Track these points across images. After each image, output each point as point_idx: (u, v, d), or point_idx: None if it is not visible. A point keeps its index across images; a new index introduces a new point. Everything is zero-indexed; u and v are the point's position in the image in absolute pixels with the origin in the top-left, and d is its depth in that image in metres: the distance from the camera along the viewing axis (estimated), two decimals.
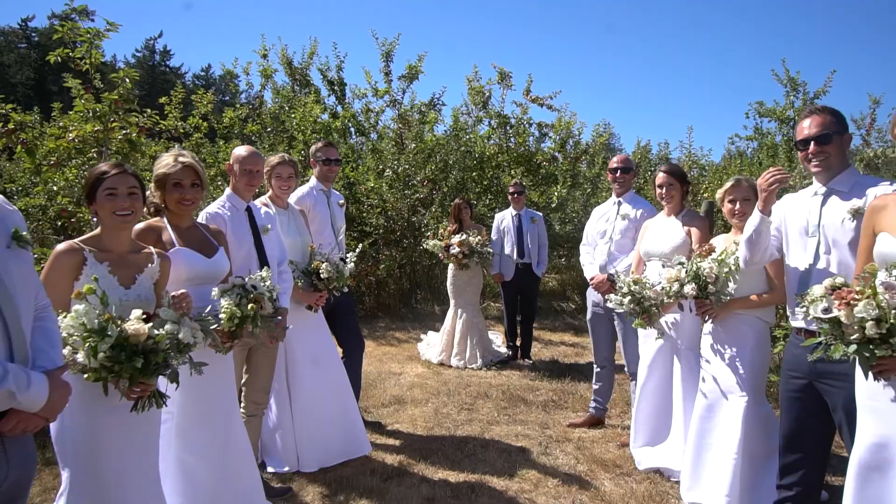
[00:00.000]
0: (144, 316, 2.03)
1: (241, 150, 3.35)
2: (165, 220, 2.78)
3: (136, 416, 2.08)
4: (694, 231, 3.79)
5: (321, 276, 3.75)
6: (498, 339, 7.40)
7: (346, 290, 3.91)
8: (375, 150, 9.24)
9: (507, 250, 6.69)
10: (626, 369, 4.48)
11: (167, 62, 48.33)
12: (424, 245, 6.75)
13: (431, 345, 7.09)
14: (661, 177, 3.93)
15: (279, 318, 2.98)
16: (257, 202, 3.73)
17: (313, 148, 4.47)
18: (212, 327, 2.29)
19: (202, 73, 47.98)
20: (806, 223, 2.62)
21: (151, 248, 2.40)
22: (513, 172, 9.53)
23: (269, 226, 3.42)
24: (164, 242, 2.69)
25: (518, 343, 6.88)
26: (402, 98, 9.64)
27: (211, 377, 2.75)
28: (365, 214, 9.16)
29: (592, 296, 4.55)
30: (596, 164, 9.50)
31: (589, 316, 4.64)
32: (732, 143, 13.69)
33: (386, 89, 9.66)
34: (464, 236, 6.43)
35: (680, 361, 3.76)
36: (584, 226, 8.60)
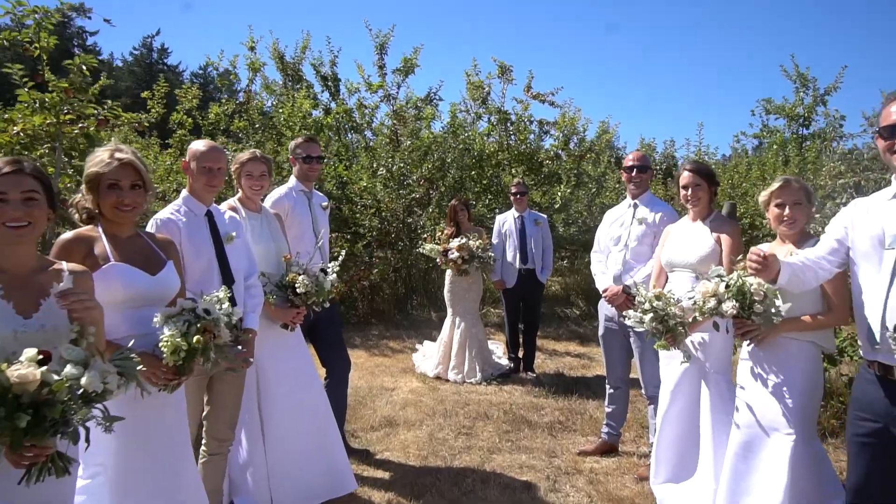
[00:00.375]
0: (41, 356, 1.54)
1: (198, 145, 2.86)
2: (100, 228, 2.29)
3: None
4: (725, 238, 3.31)
5: (297, 290, 3.26)
6: (499, 350, 6.92)
7: (327, 304, 3.43)
8: (369, 147, 8.75)
9: (510, 255, 6.20)
10: (642, 391, 4.00)
11: (165, 60, 47.84)
12: (421, 249, 6.27)
13: (427, 356, 6.62)
14: (686, 176, 3.44)
15: (239, 347, 2.49)
16: (223, 205, 3.25)
17: (293, 144, 3.98)
18: (139, 368, 1.80)
19: (200, 72, 47.48)
20: (881, 233, 2.13)
21: (63, 263, 1.91)
22: (514, 171, 9.05)
23: (235, 233, 2.93)
24: (97, 256, 2.21)
25: (520, 355, 6.40)
26: (397, 93, 9.16)
27: (154, 415, 2.27)
28: (358, 215, 8.67)
29: (605, 309, 4.07)
30: (601, 163, 9.01)
31: (601, 331, 4.15)
32: (738, 141, 13.26)
33: (380, 83, 9.16)
34: (463, 240, 5.96)
35: (709, 387, 3.28)
36: (589, 228, 8.10)
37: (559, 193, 8.31)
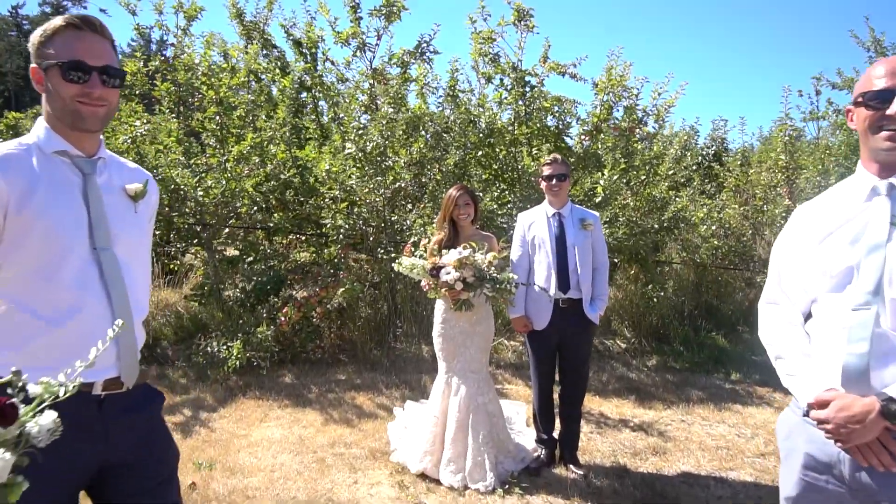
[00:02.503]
0: None
1: None
2: None
3: None
4: None
5: None
6: (519, 417, 4.59)
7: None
8: (335, 117, 6.38)
9: (540, 277, 3.86)
10: None
11: (163, 52, 46.23)
12: (397, 266, 3.89)
13: (411, 429, 4.30)
14: None
15: None
16: None
17: (38, 33, 1.62)
18: None
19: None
20: None
21: None
22: (534, 152, 6.67)
23: None
24: None
25: (557, 433, 4.06)
26: (377, 44, 6.74)
27: None
28: (323, 211, 6.33)
29: (805, 442, 1.71)
30: (656, 142, 6.60)
31: (793, 489, 1.77)
32: (784, 130, 10.80)
33: (352, 29, 6.76)
34: (466, 251, 3.62)
35: None
36: (644, 230, 5.73)
37: (602, 182, 5.94)
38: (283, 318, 5.73)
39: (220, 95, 5.60)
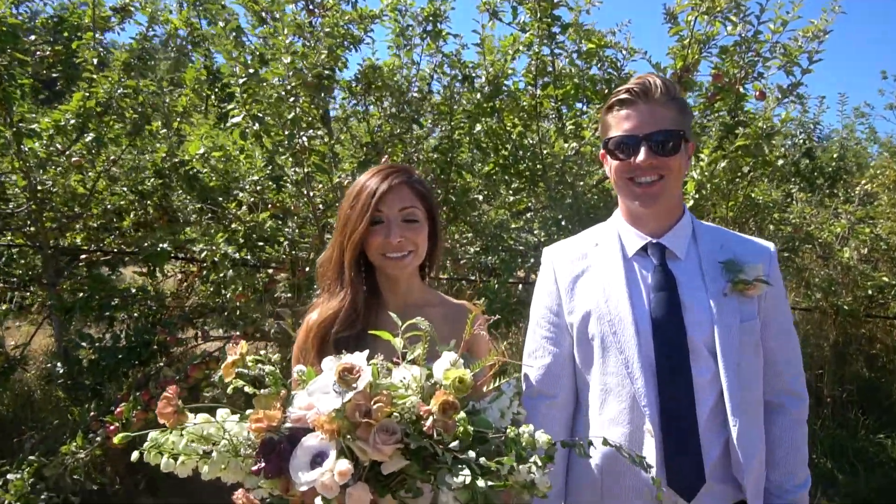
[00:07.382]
0: None
1: None
2: None
3: None
4: None
5: None
6: None
7: None
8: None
9: (612, 430, 1.27)
10: None
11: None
12: (147, 455, 1.25)
13: None
14: None
15: None
16: None
17: None
18: None
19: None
20: None
21: None
22: (569, 128, 4.13)
23: None
24: None
25: None
26: None
27: None
28: (191, 227, 3.90)
29: None
30: (770, 110, 3.88)
31: None
32: (863, 115, 8.12)
33: None
34: (355, 363, 1.12)
35: None
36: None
37: (695, 174, 3.37)
38: (112, 426, 3.24)
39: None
